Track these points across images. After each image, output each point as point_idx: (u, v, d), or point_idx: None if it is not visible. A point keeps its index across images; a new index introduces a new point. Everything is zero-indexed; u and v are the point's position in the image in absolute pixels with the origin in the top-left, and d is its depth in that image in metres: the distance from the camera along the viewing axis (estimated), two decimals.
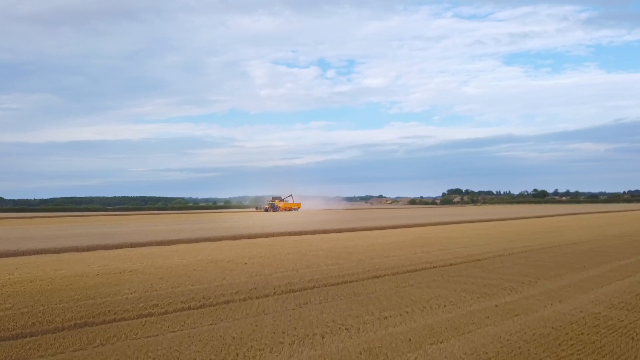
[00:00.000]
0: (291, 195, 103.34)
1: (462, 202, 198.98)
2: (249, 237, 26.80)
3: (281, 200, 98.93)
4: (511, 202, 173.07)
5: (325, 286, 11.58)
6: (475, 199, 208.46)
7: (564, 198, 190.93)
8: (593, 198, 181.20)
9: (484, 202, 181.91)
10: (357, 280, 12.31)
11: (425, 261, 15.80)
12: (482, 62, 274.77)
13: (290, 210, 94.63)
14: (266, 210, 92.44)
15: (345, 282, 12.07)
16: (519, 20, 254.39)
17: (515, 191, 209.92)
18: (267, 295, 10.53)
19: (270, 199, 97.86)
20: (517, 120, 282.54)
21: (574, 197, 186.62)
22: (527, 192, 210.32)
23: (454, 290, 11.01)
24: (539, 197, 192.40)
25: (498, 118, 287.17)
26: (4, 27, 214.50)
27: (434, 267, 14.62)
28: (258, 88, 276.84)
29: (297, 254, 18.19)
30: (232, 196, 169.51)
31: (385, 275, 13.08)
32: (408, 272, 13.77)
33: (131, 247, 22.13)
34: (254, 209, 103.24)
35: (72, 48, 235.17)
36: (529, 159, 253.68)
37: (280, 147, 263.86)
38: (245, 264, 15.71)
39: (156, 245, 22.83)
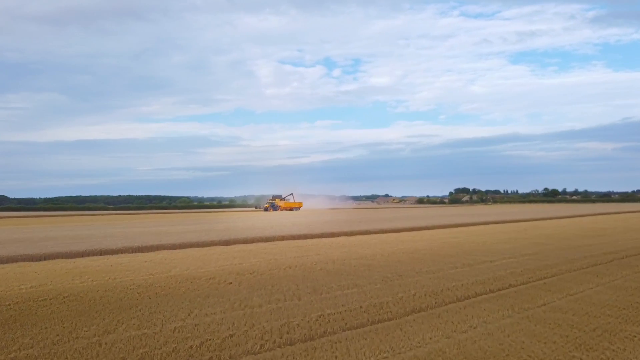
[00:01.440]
0: (292, 194, 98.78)
1: (471, 202, 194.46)
2: (245, 241, 22.73)
3: (282, 199, 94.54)
4: (522, 202, 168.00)
5: (343, 331, 7.47)
6: (484, 198, 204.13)
7: (574, 197, 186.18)
8: (605, 197, 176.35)
9: (494, 202, 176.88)
10: (390, 319, 8.16)
11: (475, 280, 11.64)
12: (489, 61, 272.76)
13: (291, 209, 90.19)
14: (266, 209, 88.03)
15: (372, 323, 7.94)
16: (525, 18, 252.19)
17: (522, 190, 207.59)
18: (246, 354, 6.41)
19: (271, 198, 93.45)
20: (524, 119, 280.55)
21: (586, 197, 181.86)
22: (537, 191, 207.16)
23: (555, 336, 6.85)
24: (550, 196, 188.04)
25: (504, 117, 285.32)
26: (12, 27, 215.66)
27: (491, 292, 10.46)
28: (264, 87, 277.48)
29: (300, 267, 14.07)
30: (237, 195, 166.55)
31: (429, 308, 8.93)
32: (458, 300, 9.64)
33: (100, 254, 18.14)
34: (254, 208, 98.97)
35: (79, 47, 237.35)
36: (536, 158, 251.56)
37: (286, 146, 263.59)
38: (230, 283, 11.62)
39: (132, 253, 18.83)
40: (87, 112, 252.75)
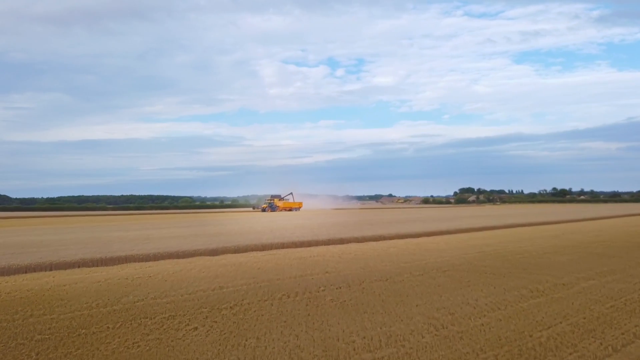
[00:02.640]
0: (291, 194, 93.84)
1: (478, 202, 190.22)
2: (235, 250, 18.74)
3: (281, 199, 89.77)
4: (532, 202, 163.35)
5: None
6: (491, 198, 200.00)
7: (582, 197, 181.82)
8: (615, 197, 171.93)
9: (503, 202, 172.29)
10: None
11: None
12: (493, 61, 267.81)
13: (290, 210, 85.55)
14: (263, 210, 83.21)
15: None
16: (529, 18, 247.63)
17: (527, 190, 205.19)
18: None
19: (269, 198, 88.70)
20: (528, 118, 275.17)
21: (595, 197, 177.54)
22: (545, 191, 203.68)
23: None
24: (559, 196, 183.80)
25: (508, 117, 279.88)
26: (17, 28, 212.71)
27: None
28: (267, 87, 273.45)
29: (302, 295, 10.04)
30: (240, 195, 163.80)
31: None
32: None
33: (25, 272, 14.18)
34: (251, 209, 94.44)
35: (83, 48, 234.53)
36: (540, 158, 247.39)
37: (290, 146, 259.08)
38: (196, 328, 7.59)
39: (80, 267, 14.88)
40: (91, 112, 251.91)
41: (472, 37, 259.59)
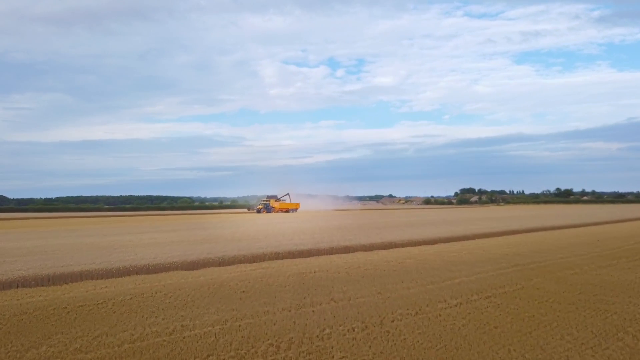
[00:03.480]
0: (288, 194, 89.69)
1: (481, 202, 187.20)
2: (220, 263, 15.55)
3: (277, 199, 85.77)
4: (536, 202, 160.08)
5: None
6: (493, 198, 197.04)
7: (585, 198, 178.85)
8: (619, 197, 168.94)
9: (507, 202, 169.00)
10: None
11: None
12: (493, 61, 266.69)
13: (287, 211, 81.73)
14: (258, 211, 79.26)
15: None
16: (530, 18, 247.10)
17: (528, 190, 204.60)
18: None
19: (265, 199, 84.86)
20: (528, 119, 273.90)
21: (599, 197, 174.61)
22: (548, 191, 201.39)
23: None
24: (562, 196, 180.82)
25: (509, 117, 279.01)
26: (19, 28, 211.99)
27: None
28: (268, 87, 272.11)
29: (298, 344, 6.79)
30: (241, 195, 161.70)
31: None
32: None
33: None
34: (246, 210, 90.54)
35: (85, 48, 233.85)
36: (540, 158, 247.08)
37: (290, 146, 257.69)
38: None
39: (14, 287, 11.66)
40: (92, 112, 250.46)
41: (472, 37, 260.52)
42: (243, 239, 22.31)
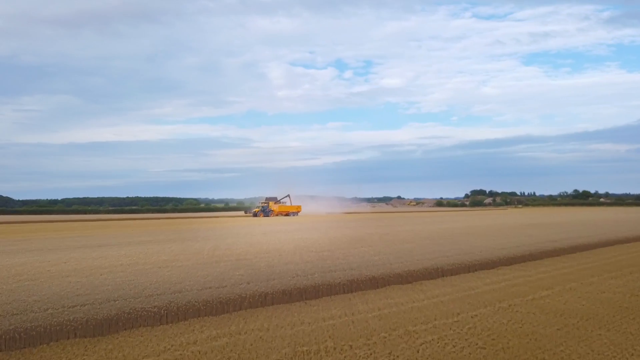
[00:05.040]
0: (288, 196, 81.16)
1: (495, 204, 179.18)
2: (176, 317, 8.29)
3: (277, 201, 77.75)
4: (556, 204, 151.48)
5: None
6: (508, 200, 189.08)
7: (601, 199, 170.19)
8: None
9: (525, 205, 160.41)
10: None
11: None
12: (501, 62, 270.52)
13: (287, 214, 73.95)
14: (255, 215, 71.40)
15: None
16: (539, 19, 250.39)
17: (539, 192, 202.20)
18: None
19: (263, 201, 76.65)
20: (536, 120, 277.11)
21: (619, 199, 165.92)
22: (566, 193, 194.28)
23: None
24: (581, 198, 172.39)
25: (517, 118, 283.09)
26: (29, 31, 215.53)
27: None
28: (275, 89, 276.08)
29: None
30: (248, 197, 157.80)
31: None
32: None
33: None
34: (243, 213, 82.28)
35: (93, 50, 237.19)
36: (549, 160, 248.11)
37: (297, 147, 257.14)
38: None
39: None
40: (100, 114, 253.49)
41: (480, 38, 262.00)
42: (221, 263, 14.99)
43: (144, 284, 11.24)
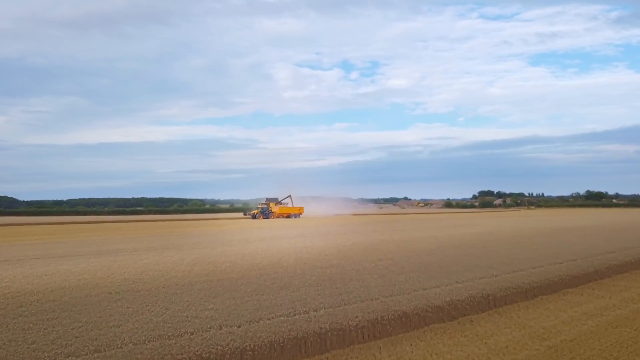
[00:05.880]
0: (289, 196, 76.52)
1: (505, 205, 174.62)
2: None
3: (278, 202, 73.51)
4: (570, 206, 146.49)
5: None
6: (519, 201, 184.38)
7: (614, 200, 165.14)
8: None
9: (538, 206, 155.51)
10: None
11: None
12: (508, 63, 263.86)
13: (288, 216, 69.60)
14: (254, 217, 66.69)
15: None
16: (546, 20, 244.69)
17: (547, 193, 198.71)
18: None
19: (263, 202, 72.42)
20: (544, 121, 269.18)
21: (634, 200, 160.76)
22: (578, 193, 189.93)
23: None
24: (594, 199, 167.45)
25: (524, 119, 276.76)
26: (37, 33, 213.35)
27: None
28: (282, 90, 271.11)
29: None
30: (254, 197, 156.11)
31: None
32: None
33: None
34: (242, 215, 77.14)
35: (99, 52, 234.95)
36: (556, 160, 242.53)
37: (304, 148, 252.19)
38: None
39: None
40: (107, 115, 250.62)
41: (487, 39, 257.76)
42: (194, 293, 11.18)
43: (39, 328, 7.43)
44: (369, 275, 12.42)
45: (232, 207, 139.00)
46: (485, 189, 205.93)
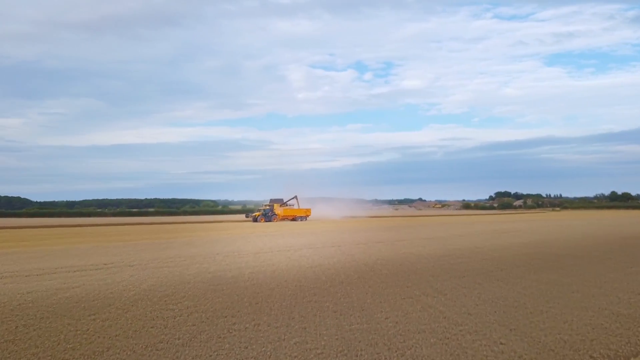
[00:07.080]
0: (295, 197, 69.53)
1: (526, 207, 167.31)
2: None
3: (283, 204, 66.87)
4: (597, 207, 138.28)
5: None
6: (540, 202, 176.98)
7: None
8: None
9: (563, 207, 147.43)
10: None
11: None
12: (523, 63, 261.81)
13: (293, 219, 63.27)
14: (255, 219, 60.61)
15: None
16: (562, 19, 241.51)
17: (565, 194, 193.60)
18: None
19: (267, 203, 65.61)
20: (559, 121, 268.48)
21: None
22: (603, 195, 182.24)
23: None
24: (620, 200, 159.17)
25: (539, 119, 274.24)
26: (53, 35, 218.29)
27: None
28: (295, 91, 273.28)
29: None
30: (265, 198, 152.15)
31: None
32: None
33: None
34: (244, 217, 72.42)
35: (114, 54, 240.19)
36: (572, 162, 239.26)
37: (317, 149, 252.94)
38: None
39: None
40: (122, 117, 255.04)
41: (502, 39, 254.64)
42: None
43: None
44: (421, 340, 6.45)
45: (244, 208, 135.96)
46: (501, 190, 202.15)
